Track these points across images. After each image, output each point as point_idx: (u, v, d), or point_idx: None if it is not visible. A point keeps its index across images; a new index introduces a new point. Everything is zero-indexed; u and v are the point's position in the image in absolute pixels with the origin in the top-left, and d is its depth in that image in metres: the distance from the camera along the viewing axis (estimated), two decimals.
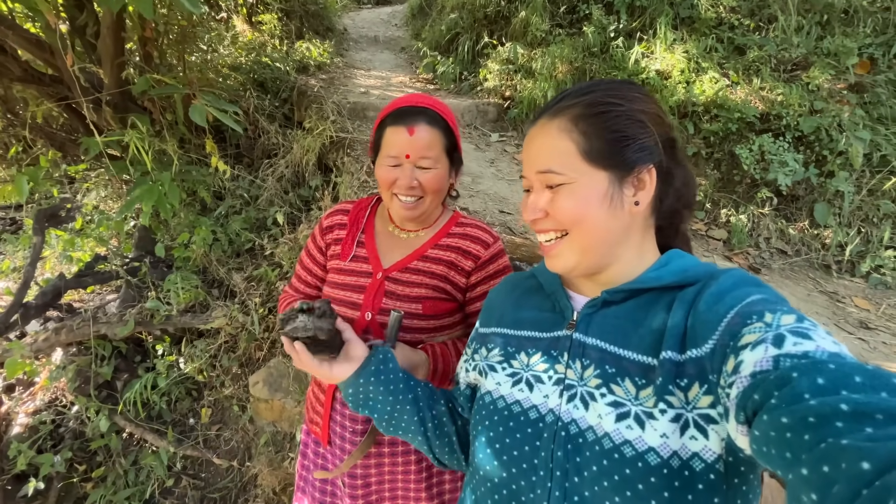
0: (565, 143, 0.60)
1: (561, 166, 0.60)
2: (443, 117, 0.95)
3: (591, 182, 0.59)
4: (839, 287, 2.52)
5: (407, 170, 0.92)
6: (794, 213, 2.92)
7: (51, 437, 2.22)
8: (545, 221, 0.63)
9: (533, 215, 0.63)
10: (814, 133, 2.84)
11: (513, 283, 0.78)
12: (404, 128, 0.91)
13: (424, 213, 0.98)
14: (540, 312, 0.69)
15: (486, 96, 3.89)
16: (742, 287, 0.54)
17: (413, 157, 0.92)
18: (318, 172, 2.99)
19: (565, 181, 0.60)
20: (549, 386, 0.61)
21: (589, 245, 0.61)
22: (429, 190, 0.94)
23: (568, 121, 0.61)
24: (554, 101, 0.65)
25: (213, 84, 3.02)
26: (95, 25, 2.35)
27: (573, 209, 0.60)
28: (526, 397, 0.62)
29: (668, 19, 3.38)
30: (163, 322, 2.32)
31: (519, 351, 0.67)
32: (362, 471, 1.00)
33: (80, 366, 2.29)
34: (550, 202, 0.62)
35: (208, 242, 2.52)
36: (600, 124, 0.60)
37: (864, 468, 0.30)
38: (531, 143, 0.65)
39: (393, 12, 7.10)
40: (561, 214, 0.61)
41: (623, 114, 0.60)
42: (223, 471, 2.19)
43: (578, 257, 0.62)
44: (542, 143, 0.63)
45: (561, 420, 0.58)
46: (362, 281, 0.99)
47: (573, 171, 0.60)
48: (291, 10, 4.70)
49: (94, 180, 3.04)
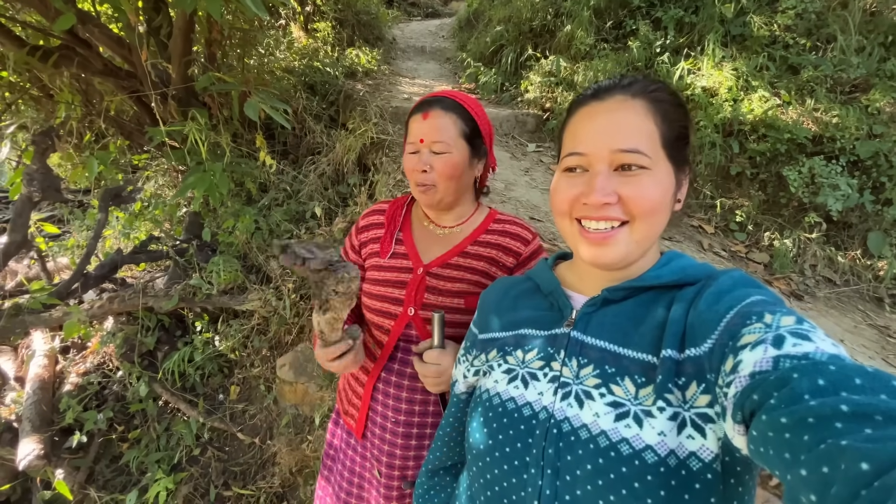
0: (650, 126, 0.57)
1: (648, 149, 0.56)
2: (460, 103, 0.95)
3: (665, 173, 0.57)
4: (891, 322, 2.35)
5: (423, 154, 0.93)
6: (846, 241, 2.76)
7: (96, 398, 2.41)
8: (613, 208, 0.57)
9: (606, 198, 0.56)
10: (871, 158, 2.69)
11: (507, 286, 0.76)
12: (420, 114, 0.94)
13: (442, 200, 0.97)
14: (537, 311, 0.68)
15: (525, 107, 3.92)
16: (742, 287, 0.53)
17: (426, 140, 0.92)
18: (356, 171, 3.11)
19: (649, 165, 0.56)
20: (543, 383, 0.60)
21: (647, 238, 0.58)
22: (441, 175, 0.92)
23: (653, 103, 0.57)
24: (625, 81, 0.60)
25: (267, 84, 3.22)
26: (169, 27, 2.58)
27: (653, 198, 0.56)
28: (521, 394, 0.61)
29: (718, 36, 3.31)
30: (203, 300, 2.47)
31: (516, 348, 0.66)
32: (401, 462, 0.99)
33: (127, 334, 2.48)
34: (626, 186, 0.56)
35: (251, 230, 2.68)
36: (676, 116, 0.59)
37: (863, 469, 0.29)
38: (607, 117, 0.58)
39: (441, 24, 7.29)
40: (639, 202, 0.56)
41: (685, 111, 0.60)
42: (245, 446, 2.29)
43: (633, 249, 0.58)
44: (625, 118, 0.57)
45: (554, 417, 0.56)
46: (403, 276, 0.98)
47: (655, 157, 0.56)
48: (345, 20, 4.94)
49: (154, 169, 3.31)
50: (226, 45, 3.12)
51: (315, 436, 2.13)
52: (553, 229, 2.36)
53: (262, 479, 2.18)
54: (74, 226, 3.64)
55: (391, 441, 0.99)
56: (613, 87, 0.59)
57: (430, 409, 0.99)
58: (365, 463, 1.06)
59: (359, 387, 1.05)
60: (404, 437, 0.98)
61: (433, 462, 0.80)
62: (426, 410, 0.99)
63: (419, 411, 0.99)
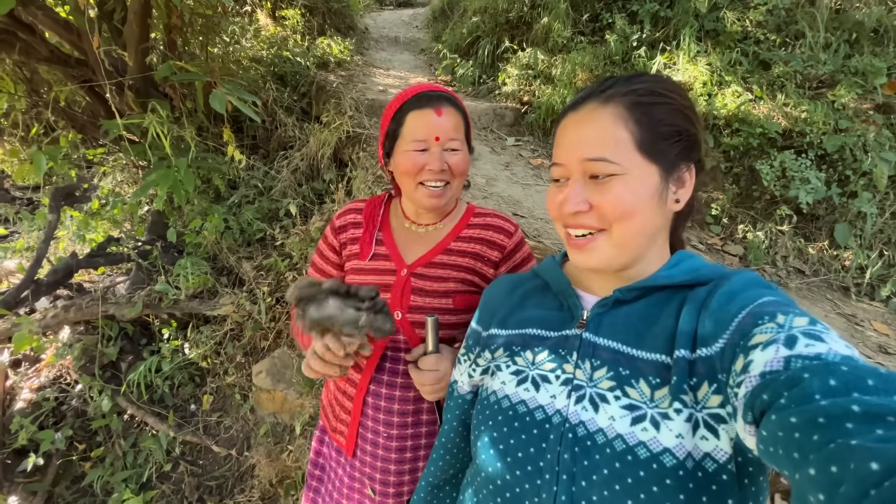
0: (620, 132, 0.57)
1: (615, 155, 0.56)
2: (460, 103, 0.94)
3: (644, 175, 0.57)
4: (858, 310, 2.45)
5: (436, 153, 0.88)
6: (814, 232, 2.86)
7: (53, 415, 2.23)
8: (587, 216, 0.58)
9: (576, 207, 0.58)
10: (837, 152, 2.78)
11: (513, 283, 0.75)
12: (431, 110, 0.88)
13: (450, 200, 0.95)
14: (546, 311, 0.67)
15: (503, 100, 3.88)
16: (754, 288, 0.53)
17: (443, 138, 0.88)
18: (332, 166, 2.99)
19: (618, 171, 0.56)
20: (556, 386, 0.59)
21: (629, 241, 0.58)
22: (457, 173, 0.91)
23: (623, 108, 0.57)
24: (601, 87, 0.60)
25: (233, 74, 3.05)
26: (123, 11, 2.39)
27: (625, 203, 0.56)
28: (532, 397, 0.60)
29: (693, 31, 3.35)
30: (170, 306, 2.32)
31: (524, 349, 0.65)
32: (395, 478, 0.95)
33: (86, 345, 2.30)
34: (597, 194, 0.57)
35: (220, 230, 2.53)
36: (655, 115, 0.57)
37: (872, 469, 0.29)
38: (577, 128, 0.60)
39: (414, 14, 7.14)
40: (610, 208, 0.56)
41: (674, 107, 0.59)
42: (221, 459, 2.18)
43: (616, 253, 0.58)
44: (592, 128, 0.58)
45: (568, 422, 0.55)
46: (386, 279, 0.94)
47: (627, 162, 0.56)
48: (314, 7, 4.74)
49: (111, 164, 3.08)
50: (187, 32, 2.92)
51: (296, 445, 2.04)
52: (536, 226, 2.34)
53: (240, 492, 2.08)
54: (23, 227, 3.36)
55: (384, 457, 0.94)
56: (589, 95, 0.60)
57: (423, 418, 0.95)
58: (354, 484, 1.00)
59: (347, 401, 0.99)
60: (398, 452, 0.94)
61: (434, 475, 0.77)
62: (419, 420, 0.95)
63: (412, 422, 0.94)
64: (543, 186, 2.92)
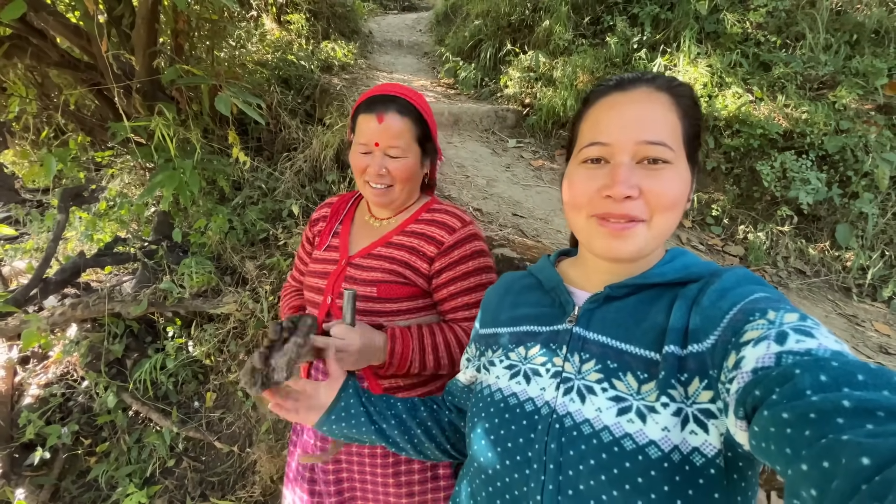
0: (674, 121, 0.55)
1: (673, 142, 0.55)
2: (415, 106, 0.94)
3: (685, 168, 0.57)
4: (859, 311, 2.44)
5: (377, 157, 0.93)
6: (815, 233, 2.85)
7: (59, 410, 2.28)
8: (635, 203, 0.54)
9: (629, 191, 0.53)
10: (839, 153, 2.77)
11: (508, 283, 0.77)
12: (374, 115, 0.92)
13: (395, 200, 0.99)
14: (539, 308, 0.68)
15: (505, 103, 3.90)
16: (745, 285, 0.53)
17: (382, 145, 0.92)
18: (335, 167, 3.03)
19: (672, 160, 0.54)
20: (546, 379, 0.60)
21: (664, 234, 0.57)
22: (398, 178, 0.95)
23: (675, 98, 0.57)
24: (645, 75, 0.58)
25: (238, 78, 3.10)
26: (131, 16, 2.44)
27: (674, 194, 0.54)
28: (523, 390, 0.61)
29: (693, 33, 3.36)
30: (175, 304, 2.36)
31: (518, 345, 0.66)
32: (333, 465, 1.00)
33: (92, 342, 2.35)
34: (648, 180, 0.54)
35: (224, 230, 2.57)
36: (694, 115, 0.58)
37: (864, 463, 0.29)
38: (633, 107, 0.56)
39: (418, 18, 7.20)
40: (661, 197, 0.54)
41: (700, 112, 0.60)
42: (223, 455, 2.21)
43: (649, 243, 0.57)
44: (652, 110, 0.55)
45: (556, 413, 0.56)
46: (329, 268, 1.02)
47: (679, 153, 0.55)
48: (319, 12, 4.80)
49: (119, 166, 3.14)
50: (194, 37, 2.98)
51: None
52: (537, 226, 2.35)
53: (241, 488, 2.10)
54: (32, 227, 3.42)
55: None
56: (638, 80, 0.58)
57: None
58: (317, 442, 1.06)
59: None
60: None
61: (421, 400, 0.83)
62: None
63: None
64: (544, 187, 2.94)
